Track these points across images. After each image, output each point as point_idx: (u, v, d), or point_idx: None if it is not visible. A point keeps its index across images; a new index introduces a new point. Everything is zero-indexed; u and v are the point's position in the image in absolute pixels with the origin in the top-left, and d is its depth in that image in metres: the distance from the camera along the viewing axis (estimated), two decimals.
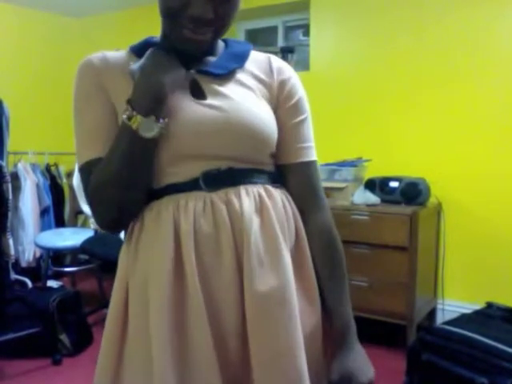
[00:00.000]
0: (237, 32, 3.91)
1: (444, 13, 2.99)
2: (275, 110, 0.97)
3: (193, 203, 0.88)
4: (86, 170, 0.92)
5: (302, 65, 3.62)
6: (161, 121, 0.85)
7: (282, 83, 0.98)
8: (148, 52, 0.88)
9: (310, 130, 1.01)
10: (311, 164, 1.00)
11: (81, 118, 0.95)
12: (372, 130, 3.25)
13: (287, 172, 0.99)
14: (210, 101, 0.90)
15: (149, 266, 0.88)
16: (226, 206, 0.88)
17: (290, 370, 0.86)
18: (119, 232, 0.99)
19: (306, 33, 3.67)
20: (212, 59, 0.96)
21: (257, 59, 1.00)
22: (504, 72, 2.86)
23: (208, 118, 0.89)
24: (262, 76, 0.98)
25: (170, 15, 0.87)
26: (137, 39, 1.00)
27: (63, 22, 4.58)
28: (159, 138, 0.86)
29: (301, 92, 1.01)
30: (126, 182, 0.87)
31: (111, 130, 0.90)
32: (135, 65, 0.88)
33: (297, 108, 0.99)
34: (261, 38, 4.02)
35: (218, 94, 0.91)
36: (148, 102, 0.84)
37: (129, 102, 0.85)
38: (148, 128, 0.84)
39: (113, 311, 0.93)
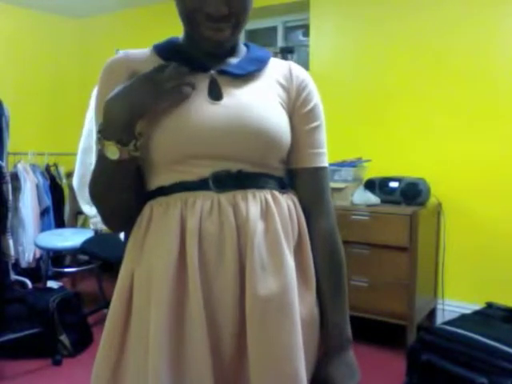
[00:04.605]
0: None
1: (447, 13, 2.99)
2: (291, 115, 0.98)
3: (200, 202, 0.89)
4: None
5: (302, 65, 3.59)
6: (131, 144, 0.87)
7: (300, 89, 1.00)
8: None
9: (323, 136, 1.03)
10: (321, 170, 1.01)
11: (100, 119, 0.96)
12: (372, 130, 3.25)
13: (297, 176, 1.01)
14: (225, 101, 0.92)
15: (154, 260, 0.90)
16: (233, 209, 0.89)
17: (287, 372, 0.86)
18: (122, 231, 1.01)
19: (306, 33, 3.68)
20: (233, 60, 0.97)
21: (277, 65, 1.02)
22: (506, 71, 2.86)
23: (221, 118, 0.90)
24: (282, 81, 0.99)
25: (188, 15, 0.89)
26: (135, 39, 1.00)
27: (62, 23, 4.58)
28: (150, 146, 0.89)
29: (316, 99, 1.02)
30: (106, 190, 0.94)
31: None
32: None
33: (312, 114, 1.00)
34: (260, 39, 4.02)
35: (234, 95, 0.93)
36: (110, 129, 0.86)
37: (99, 125, 0.88)
38: (112, 151, 0.87)
39: (117, 298, 0.94)
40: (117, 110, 0.86)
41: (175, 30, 0.95)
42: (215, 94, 0.92)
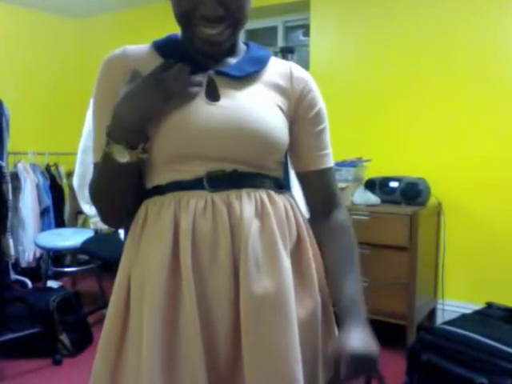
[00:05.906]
0: None
1: (447, 13, 2.99)
2: (293, 119, 0.98)
3: (194, 202, 0.89)
4: (94, 170, 0.97)
5: (302, 65, 3.59)
6: (140, 146, 0.87)
7: (303, 94, 0.99)
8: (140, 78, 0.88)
9: (328, 137, 1.04)
10: (329, 170, 1.04)
11: (98, 116, 0.96)
12: (372, 130, 3.25)
13: (307, 178, 1.03)
14: (222, 102, 0.91)
15: (148, 259, 0.89)
16: (227, 208, 0.89)
17: (283, 373, 0.86)
18: (121, 227, 1.02)
19: (306, 33, 3.67)
20: (232, 60, 0.96)
21: (277, 66, 1.01)
22: (507, 72, 2.86)
23: (218, 119, 0.89)
24: (281, 83, 0.98)
25: (184, 17, 0.89)
26: (135, 39, 1.00)
27: (62, 23, 4.58)
28: (156, 143, 0.88)
29: (320, 102, 1.03)
30: (108, 191, 0.94)
31: None
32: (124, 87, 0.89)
33: (317, 118, 1.01)
34: (261, 39, 4.02)
35: (231, 96, 0.92)
36: (120, 133, 0.86)
37: (107, 128, 0.87)
38: (121, 154, 0.86)
39: (115, 297, 0.94)
40: (126, 114, 0.85)
41: (175, 29, 0.95)
42: (212, 95, 0.92)
